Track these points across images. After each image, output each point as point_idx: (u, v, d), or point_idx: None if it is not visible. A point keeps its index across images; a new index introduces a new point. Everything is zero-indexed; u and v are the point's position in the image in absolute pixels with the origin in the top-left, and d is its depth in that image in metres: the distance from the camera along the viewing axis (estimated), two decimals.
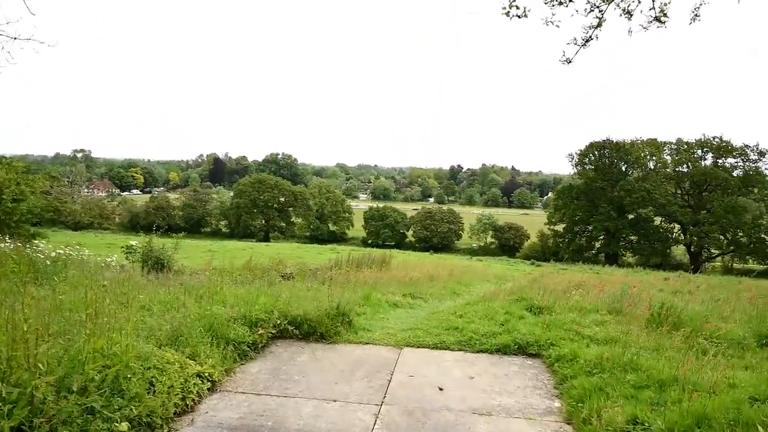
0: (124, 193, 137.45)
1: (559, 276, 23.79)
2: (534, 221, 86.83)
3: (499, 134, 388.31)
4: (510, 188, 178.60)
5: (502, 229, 79.70)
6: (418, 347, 6.95)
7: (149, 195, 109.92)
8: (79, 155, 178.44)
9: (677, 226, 64.88)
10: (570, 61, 6.92)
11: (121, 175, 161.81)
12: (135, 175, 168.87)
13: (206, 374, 5.18)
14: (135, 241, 14.28)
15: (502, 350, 6.80)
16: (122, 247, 14.97)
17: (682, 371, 5.16)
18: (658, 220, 65.70)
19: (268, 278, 13.85)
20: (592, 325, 7.73)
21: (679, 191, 66.17)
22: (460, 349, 6.88)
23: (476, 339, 7.09)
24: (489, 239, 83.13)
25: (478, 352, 6.82)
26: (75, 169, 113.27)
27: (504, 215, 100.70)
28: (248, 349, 6.23)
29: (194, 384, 4.94)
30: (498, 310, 8.60)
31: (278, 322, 6.90)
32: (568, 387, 5.39)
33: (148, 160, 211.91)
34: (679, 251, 67.95)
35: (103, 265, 10.89)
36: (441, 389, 5.55)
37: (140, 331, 5.30)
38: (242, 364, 6.04)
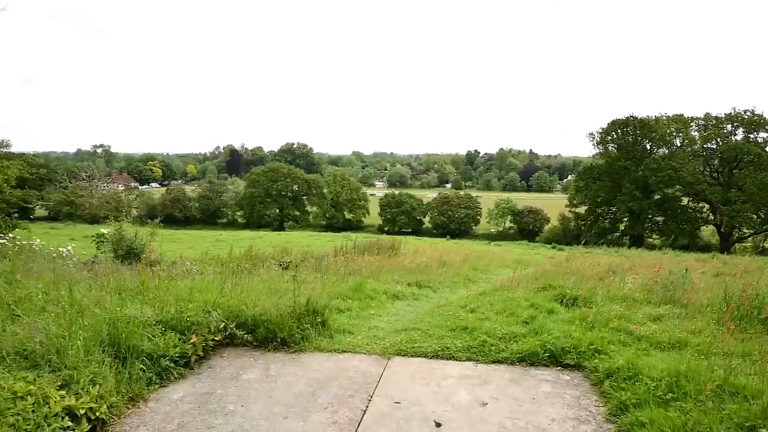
0: (143, 187, 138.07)
1: (585, 259, 21.69)
2: (554, 205, 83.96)
3: (516, 118, 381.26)
4: (528, 172, 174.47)
5: (521, 213, 77.10)
6: (413, 356, 5.14)
7: (166, 188, 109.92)
8: (99, 150, 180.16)
9: (706, 206, 61.77)
10: None
11: (139, 169, 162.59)
12: (153, 168, 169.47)
13: (83, 411, 3.46)
14: (107, 229, 12.70)
15: (528, 360, 4.94)
16: (92, 236, 13.39)
17: None
18: (685, 200, 62.70)
19: (265, 266, 12.23)
20: (646, 320, 5.84)
21: (707, 169, 62.82)
22: (469, 359, 5.03)
23: (492, 344, 5.23)
24: (508, 224, 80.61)
25: (493, 362, 4.97)
26: (93, 163, 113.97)
27: (523, 199, 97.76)
28: (173, 365, 4.49)
29: (58, 429, 3.23)
30: (520, 302, 6.74)
31: (222, 325, 5.14)
32: (630, 423, 3.54)
33: (167, 154, 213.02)
34: (707, 232, 64.89)
35: (53, 255, 9.31)
36: (438, 425, 3.76)
37: None
38: (161, 387, 4.31)
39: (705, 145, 63.37)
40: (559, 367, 4.84)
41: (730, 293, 6.24)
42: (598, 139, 65.77)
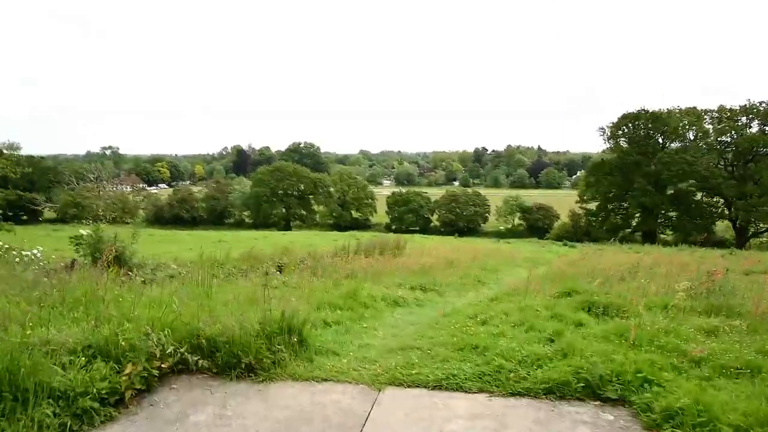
0: (150, 188, 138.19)
1: (601, 257, 20.51)
2: (563, 201, 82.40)
3: (523, 114, 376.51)
4: (537, 168, 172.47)
5: (530, 210, 75.74)
6: (410, 386, 4.08)
7: (173, 188, 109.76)
8: (108, 152, 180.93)
9: (721, 200, 60.18)
10: None
11: (147, 170, 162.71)
12: (161, 169, 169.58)
13: None
14: (86, 230, 11.75)
15: (557, 391, 3.85)
16: (70, 237, 12.41)
17: None
18: (699, 195, 61.13)
19: (263, 269, 11.26)
20: (698, 337, 4.75)
21: (722, 162, 61.20)
22: (481, 390, 3.96)
23: (509, 369, 4.15)
24: (517, 221, 79.26)
25: (512, 395, 3.88)
26: (102, 165, 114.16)
27: (532, 196, 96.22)
28: (98, 405, 3.47)
29: None
30: (540, 312, 5.67)
31: (171, 349, 4.11)
32: None
33: (175, 155, 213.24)
34: (721, 227, 63.26)
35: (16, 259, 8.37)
36: None
37: None
38: None
39: (719, 138, 61.73)
40: (597, 402, 3.75)
41: None
42: (609, 134, 64.29)
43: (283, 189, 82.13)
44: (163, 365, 4.06)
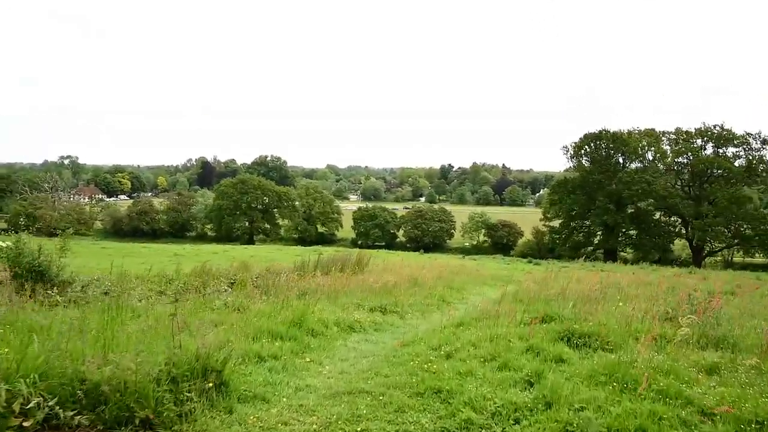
0: (110, 199, 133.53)
1: (566, 275, 20.10)
2: (527, 218, 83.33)
3: (489, 132, 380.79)
4: (501, 186, 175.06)
5: (495, 227, 76.14)
6: None
7: (133, 200, 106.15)
8: (66, 161, 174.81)
9: (678, 220, 61.80)
10: None
11: (107, 181, 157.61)
12: (122, 180, 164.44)
13: None
14: (7, 242, 10.40)
15: None
16: None
17: None
18: (657, 214, 62.64)
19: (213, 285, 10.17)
20: (702, 379, 4.02)
21: (679, 183, 63.05)
22: None
23: (480, 425, 3.31)
24: (482, 237, 79.56)
25: None
26: (59, 175, 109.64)
27: (496, 213, 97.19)
28: None
29: None
30: (514, 343, 4.87)
31: (35, 402, 3.10)
32: None
33: (138, 166, 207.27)
34: (678, 246, 64.89)
35: None
36: None
37: None
38: None
39: (676, 159, 63.62)
40: None
41: None
42: (572, 152, 65.50)
43: (246, 202, 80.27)
44: (25, 423, 3.04)
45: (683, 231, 61.45)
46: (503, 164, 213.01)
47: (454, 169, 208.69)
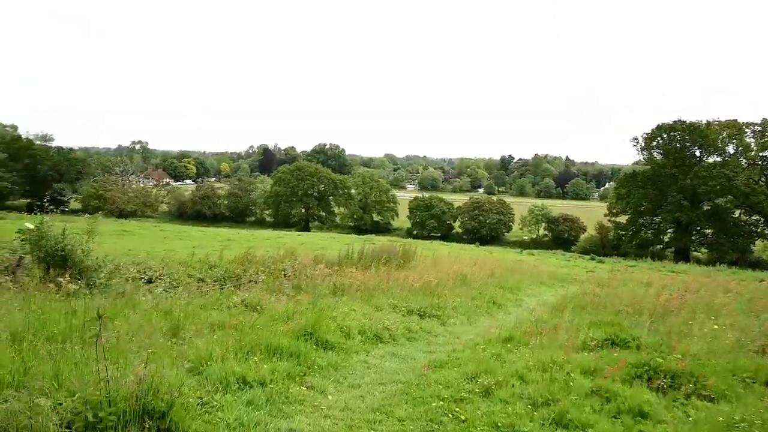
0: (176, 183, 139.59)
1: (634, 276, 18.58)
2: (590, 213, 79.69)
3: (552, 123, 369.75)
4: (564, 179, 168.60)
5: (555, 221, 73.26)
6: None
7: (197, 185, 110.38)
8: (137, 147, 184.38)
9: (761, 219, 57.02)
10: None
11: (174, 166, 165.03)
12: (188, 165, 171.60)
13: None
14: (33, 223, 10.30)
15: None
16: (17, 232, 10.88)
17: None
18: (737, 212, 58.01)
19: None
20: None
21: (763, 179, 58.08)
22: None
23: None
24: (542, 231, 76.86)
25: None
26: (130, 159, 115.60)
27: (558, 206, 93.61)
28: None
29: None
30: (574, 380, 4.01)
31: None
32: None
33: (203, 152, 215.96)
34: (759, 247, 59.92)
35: None
36: None
37: None
38: None
39: (761, 153, 58.62)
40: None
41: None
42: (643, 144, 61.70)
43: (303, 189, 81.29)
44: None
45: (766, 231, 56.90)
46: (566, 156, 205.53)
47: (514, 160, 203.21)
